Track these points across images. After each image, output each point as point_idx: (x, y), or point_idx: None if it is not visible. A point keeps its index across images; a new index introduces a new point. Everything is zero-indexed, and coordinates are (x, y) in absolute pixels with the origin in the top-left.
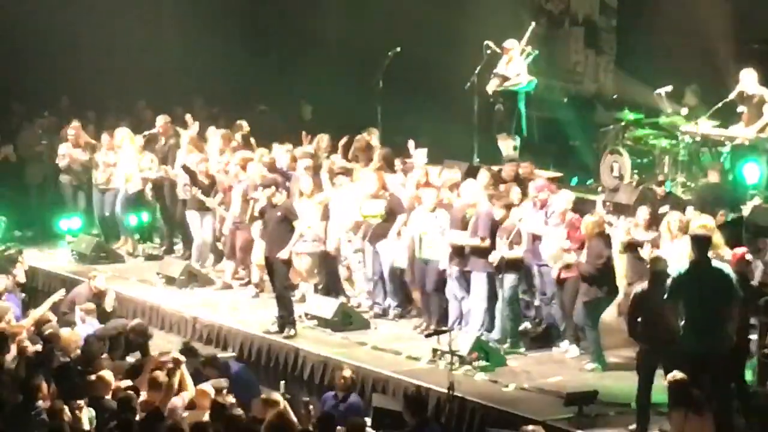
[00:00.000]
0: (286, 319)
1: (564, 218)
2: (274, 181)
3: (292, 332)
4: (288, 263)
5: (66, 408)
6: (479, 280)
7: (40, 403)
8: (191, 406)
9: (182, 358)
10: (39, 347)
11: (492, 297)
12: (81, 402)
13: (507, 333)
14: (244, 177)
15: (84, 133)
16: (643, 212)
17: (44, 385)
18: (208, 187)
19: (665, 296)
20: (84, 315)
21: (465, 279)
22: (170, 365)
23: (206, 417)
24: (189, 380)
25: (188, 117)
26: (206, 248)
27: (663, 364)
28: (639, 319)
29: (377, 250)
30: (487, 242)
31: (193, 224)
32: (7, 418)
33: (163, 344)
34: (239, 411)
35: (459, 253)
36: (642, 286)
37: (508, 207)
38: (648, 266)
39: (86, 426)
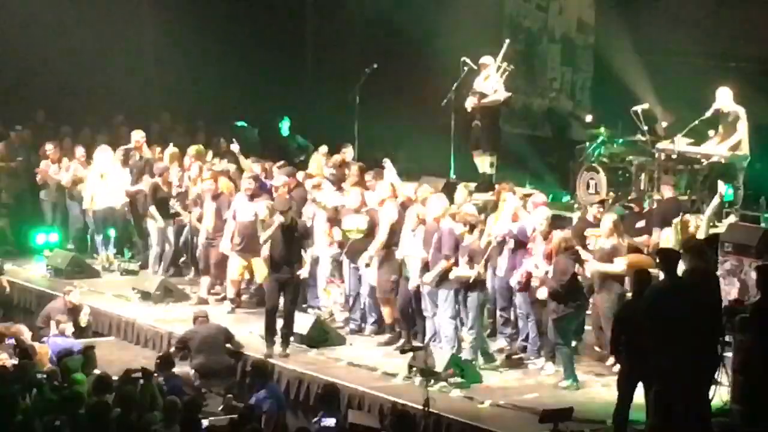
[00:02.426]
0: (286, 337)
1: (546, 236)
2: (288, 203)
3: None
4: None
5: None
6: (446, 298)
7: None
8: None
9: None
10: (15, 361)
11: (458, 315)
12: None
13: (477, 351)
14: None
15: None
16: (607, 222)
17: None
18: (168, 194)
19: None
20: (63, 328)
21: (435, 295)
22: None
23: None
24: (158, 394)
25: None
26: (165, 258)
27: (644, 382)
28: (622, 337)
29: (356, 265)
30: (452, 260)
31: (152, 232)
32: None
33: (139, 359)
34: None
35: (428, 269)
36: (626, 302)
37: (471, 225)
38: (632, 282)
39: None
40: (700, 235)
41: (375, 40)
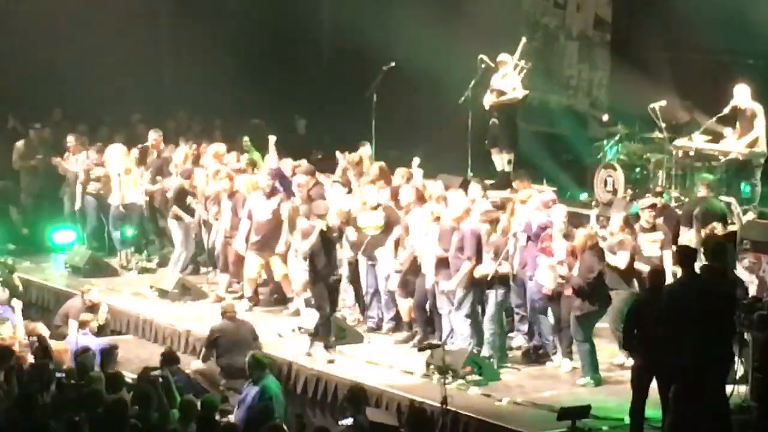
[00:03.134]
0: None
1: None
2: (327, 207)
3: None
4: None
5: None
6: (463, 297)
7: None
8: None
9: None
10: (32, 360)
11: (477, 313)
12: None
13: (495, 348)
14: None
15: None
16: (617, 219)
17: None
18: (194, 195)
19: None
20: (94, 326)
21: (452, 293)
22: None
23: None
24: (175, 392)
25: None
26: (187, 258)
27: (658, 378)
28: (635, 332)
29: (373, 262)
30: (474, 261)
31: (175, 233)
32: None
33: (157, 357)
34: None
35: (445, 266)
36: (640, 298)
37: (494, 222)
38: (647, 278)
39: None
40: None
41: (392, 38)
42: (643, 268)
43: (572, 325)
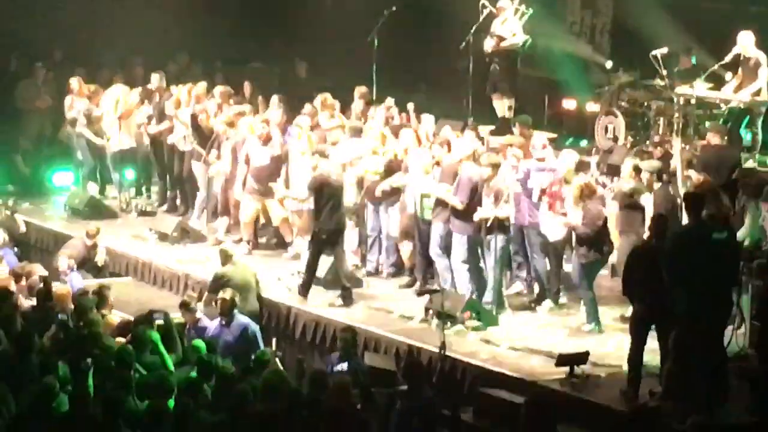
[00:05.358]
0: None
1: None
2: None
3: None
4: None
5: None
6: (459, 242)
7: None
8: None
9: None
10: (33, 302)
11: (473, 260)
12: None
13: (497, 294)
14: (232, 133)
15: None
16: (629, 165)
17: None
18: (207, 138)
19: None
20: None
21: (448, 237)
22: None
23: None
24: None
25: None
26: (212, 201)
27: (657, 325)
28: (635, 279)
29: (377, 207)
30: (463, 206)
31: (199, 176)
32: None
33: (156, 300)
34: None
35: (443, 208)
36: (640, 243)
37: (495, 166)
38: (649, 223)
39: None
40: None
41: None
42: None
43: (578, 273)
